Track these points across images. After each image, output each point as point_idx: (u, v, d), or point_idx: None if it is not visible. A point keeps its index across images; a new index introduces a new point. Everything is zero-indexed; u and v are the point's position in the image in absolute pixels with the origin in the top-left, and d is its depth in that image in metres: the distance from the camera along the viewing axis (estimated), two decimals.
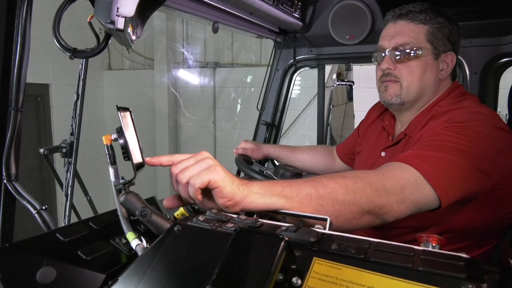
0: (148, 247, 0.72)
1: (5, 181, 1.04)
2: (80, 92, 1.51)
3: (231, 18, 1.75)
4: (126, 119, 0.78)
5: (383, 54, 1.33)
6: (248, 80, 5.41)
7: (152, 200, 1.05)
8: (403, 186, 0.94)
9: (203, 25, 5.02)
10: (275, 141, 2.43)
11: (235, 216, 0.75)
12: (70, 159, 1.55)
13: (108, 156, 0.79)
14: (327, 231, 0.69)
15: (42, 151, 1.52)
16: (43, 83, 4.98)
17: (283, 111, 2.41)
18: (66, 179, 1.56)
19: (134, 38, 1.02)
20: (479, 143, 1.05)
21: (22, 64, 1.00)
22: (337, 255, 0.59)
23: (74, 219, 1.16)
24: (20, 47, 0.98)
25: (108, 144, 0.79)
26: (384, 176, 0.94)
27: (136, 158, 0.79)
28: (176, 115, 5.83)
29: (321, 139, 2.64)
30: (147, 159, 0.83)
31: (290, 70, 2.34)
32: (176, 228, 0.69)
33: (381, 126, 1.51)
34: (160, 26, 5.52)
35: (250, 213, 0.83)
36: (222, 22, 1.70)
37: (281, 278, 0.55)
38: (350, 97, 4.10)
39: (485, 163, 1.05)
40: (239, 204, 0.79)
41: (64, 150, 1.55)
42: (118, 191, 0.79)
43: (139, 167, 0.79)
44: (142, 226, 0.86)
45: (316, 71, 2.41)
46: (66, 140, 1.55)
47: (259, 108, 2.32)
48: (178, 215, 0.86)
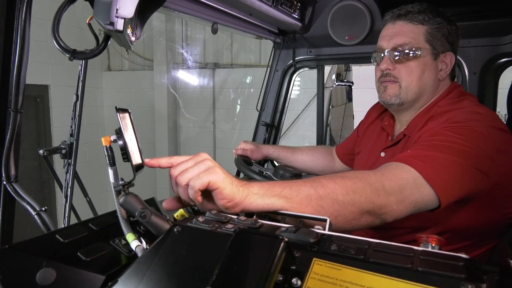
0: (148, 248, 0.72)
1: (4, 182, 1.03)
2: (79, 93, 1.51)
3: (231, 19, 1.75)
4: (125, 121, 0.78)
5: (382, 55, 1.33)
6: (248, 80, 5.42)
7: (151, 201, 1.05)
8: (402, 186, 0.94)
9: (203, 26, 5.03)
10: (275, 141, 2.42)
11: (235, 217, 0.75)
12: (69, 160, 1.55)
13: (107, 158, 0.79)
14: (326, 231, 0.69)
15: (41, 152, 1.52)
16: (43, 84, 4.99)
17: (282, 111, 2.41)
18: (66, 180, 1.56)
19: (133, 39, 1.02)
20: (478, 143, 1.05)
21: (22, 65, 1.00)
22: (336, 255, 0.59)
23: (74, 220, 1.16)
24: (19, 48, 0.98)
25: (108, 146, 0.79)
26: (383, 176, 0.94)
27: (136, 159, 0.79)
28: (176, 116, 5.83)
29: (320, 140, 2.64)
30: (147, 160, 0.83)
31: (289, 70, 2.34)
32: (175, 229, 0.69)
33: (380, 127, 1.52)
34: (160, 27, 5.53)
35: (249, 214, 0.83)
36: (221, 23, 1.70)
37: (280, 279, 0.56)
38: (350, 97, 4.10)
39: (484, 163, 1.05)
40: (239, 205, 0.79)
41: (63, 151, 1.55)
42: (118, 192, 0.79)
43: (138, 168, 0.79)
44: (141, 227, 0.86)
45: (315, 71, 2.41)
46: (65, 141, 1.55)
47: (259, 108, 2.32)
48: (177, 216, 0.86)
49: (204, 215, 0.75)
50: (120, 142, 0.77)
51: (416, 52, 1.27)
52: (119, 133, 0.77)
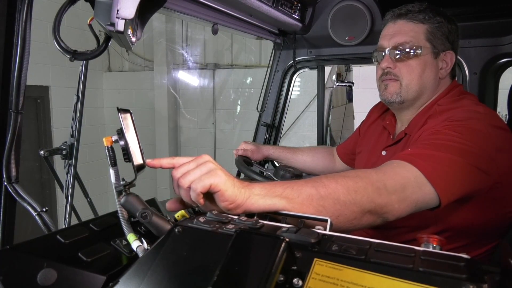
0: (149, 248, 0.72)
1: (5, 183, 1.03)
2: (80, 94, 1.51)
3: (231, 20, 1.75)
4: (126, 121, 0.79)
5: (383, 53, 1.34)
6: (248, 81, 5.42)
7: (152, 202, 1.05)
8: (404, 185, 0.94)
9: (203, 26, 5.03)
10: (275, 142, 2.42)
11: (236, 217, 0.75)
12: (70, 161, 1.55)
13: (108, 158, 0.79)
14: (327, 232, 0.69)
15: (42, 153, 1.52)
16: (43, 85, 4.99)
17: (283, 112, 2.41)
18: (66, 181, 1.56)
19: (134, 40, 1.02)
20: (478, 142, 1.05)
21: (22, 66, 1.00)
22: (337, 256, 0.59)
23: (75, 221, 1.16)
24: (20, 49, 0.98)
25: (109, 146, 0.79)
26: (385, 175, 0.94)
27: (137, 159, 0.79)
28: (176, 117, 5.83)
29: (321, 140, 2.64)
30: (148, 161, 0.83)
31: (289, 71, 2.34)
32: (176, 230, 0.69)
33: (382, 126, 1.52)
34: (160, 28, 5.53)
35: (250, 214, 0.83)
36: (221, 23, 1.70)
37: (281, 279, 0.55)
38: (350, 98, 4.10)
39: (484, 162, 1.05)
40: (241, 207, 0.79)
41: (64, 152, 1.55)
42: (119, 193, 0.79)
43: (139, 168, 0.79)
44: (142, 228, 0.87)
45: (315, 72, 2.41)
46: (66, 142, 1.56)
47: (259, 109, 2.32)
48: (178, 216, 0.86)
49: (204, 215, 0.75)
50: (122, 143, 0.77)
51: (417, 50, 1.28)
52: (121, 133, 0.77)
